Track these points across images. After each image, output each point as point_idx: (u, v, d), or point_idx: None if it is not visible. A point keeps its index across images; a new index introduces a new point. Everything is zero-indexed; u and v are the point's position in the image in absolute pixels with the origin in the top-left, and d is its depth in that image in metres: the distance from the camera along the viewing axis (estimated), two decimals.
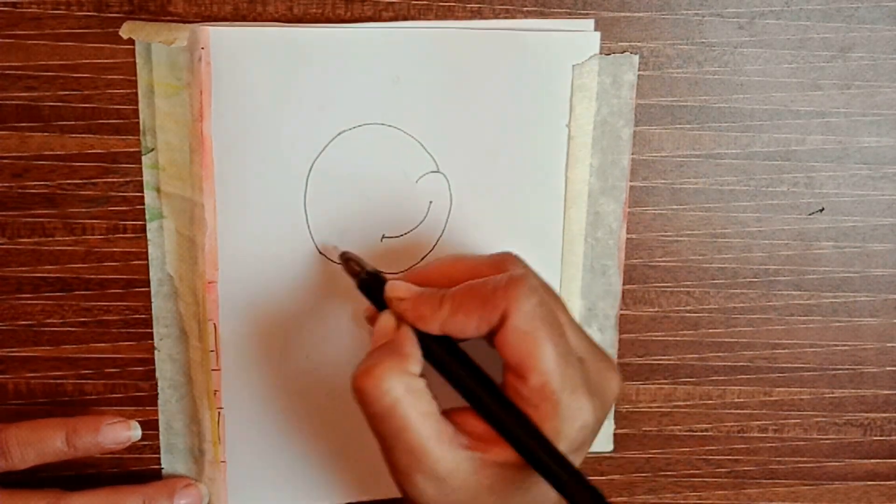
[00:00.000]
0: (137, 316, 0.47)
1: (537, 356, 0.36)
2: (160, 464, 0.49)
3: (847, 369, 0.52)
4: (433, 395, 0.38)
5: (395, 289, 0.40)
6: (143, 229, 0.46)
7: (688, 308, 0.50)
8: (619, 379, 0.41)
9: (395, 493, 0.50)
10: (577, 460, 0.37)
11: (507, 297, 0.37)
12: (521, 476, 0.37)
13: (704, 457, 0.53)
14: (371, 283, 0.42)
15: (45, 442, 0.44)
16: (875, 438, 0.53)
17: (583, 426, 0.37)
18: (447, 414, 0.38)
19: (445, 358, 0.39)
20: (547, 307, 0.37)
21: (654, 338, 0.51)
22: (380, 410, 0.37)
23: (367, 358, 0.38)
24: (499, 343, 0.37)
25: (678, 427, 0.52)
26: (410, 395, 0.37)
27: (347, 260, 0.43)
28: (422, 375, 0.38)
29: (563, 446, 0.36)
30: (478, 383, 0.38)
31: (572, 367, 0.37)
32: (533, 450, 0.36)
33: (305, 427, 0.48)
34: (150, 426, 0.48)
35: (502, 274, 0.38)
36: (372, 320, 0.41)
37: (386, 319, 0.40)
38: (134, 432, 0.46)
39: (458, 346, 0.39)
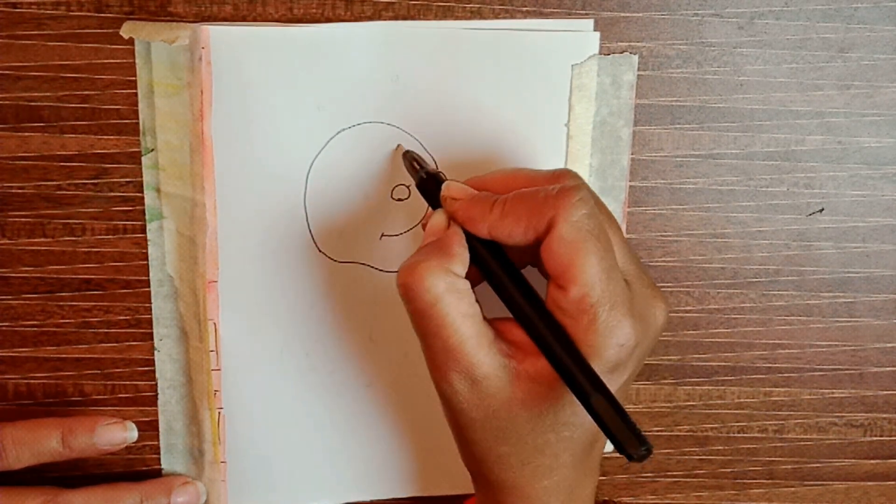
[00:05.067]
0: (137, 316, 0.47)
1: (579, 266, 0.36)
2: (160, 464, 0.49)
3: (847, 369, 0.52)
4: (477, 299, 0.38)
5: (451, 189, 0.40)
6: (143, 229, 0.46)
7: (688, 308, 0.50)
8: (665, 309, 0.40)
9: (394, 493, 0.50)
10: (613, 383, 0.36)
11: (556, 206, 0.36)
12: (554, 394, 0.37)
13: (706, 457, 0.52)
14: (429, 183, 0.42)
15: (41, 442, 0.44)
16: (875, 438, 0.53)
17: (620, 344, 0.36)
18: (490, 322, 0.38)
19: (491, 262, 0.39)
20: (596, 220, 0.37)
21: None
22: (421, 307, 0.37)
23: (414, 254, 0.38)
24: (544, 252, 0.37)
25: (680, 427, 0.52)
26: (452, 295, 0.37)
27: (411, 160, 0.44)
28: (468, 278, 0.38)
29: (596, 363, 0.36)
30: (519, 290, 0.38)
31: (615, 283, 0.36)
32: (561, 357, 0.36)
33: (305, 426, 0.48)
34: (150, 426, 0.48)
35: (557, 184, 0.38)
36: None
37: (438, 218, 0.40)
38: (130, 433, 0.46)
39: (505, 254, 0.39)
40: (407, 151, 0.45)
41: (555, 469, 0.39)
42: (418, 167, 0.43)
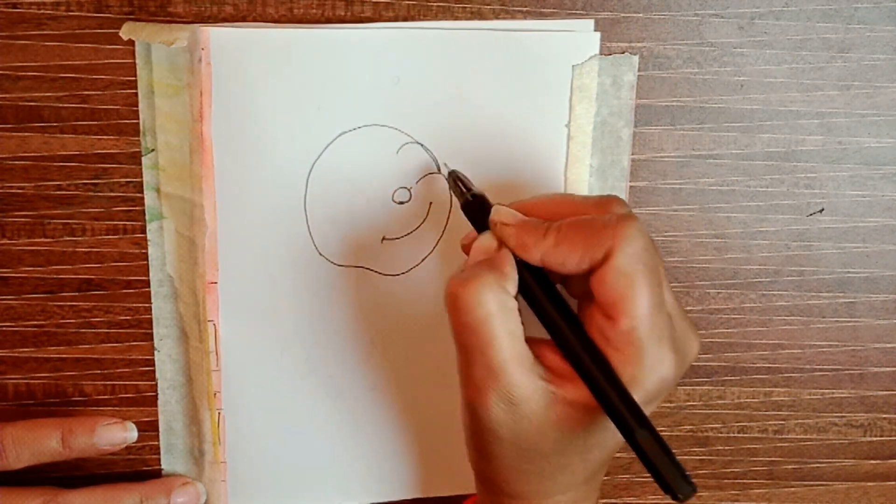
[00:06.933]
0: (138, 316, 0.47)
1: (632, 299, 0.36)
2: (160, 464, 0.49)
3: (848, 369, 0.52)
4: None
5: (501, 213, 0.40)
6: (143, 229, 0.46)
7: (688, 308, 0.50)
8: (698, 343, 0.40)
9: (394, 495, 0.50)
10: (646, 413, 0.36)
11: (615, 236, 0.36)
12: (589, 418, 0.37)
13: (707, 457, 0.52)
14: (475, 206, 0.42)
15: (41, 442, 0.44)
16: (875, 438, 0.53)
17: (661, 379, 0.36)
18: (528, 343, 0.38)
19: (537, 288, 0.38)
20: (650, 254, 0.37)
21: None
22: (470, 321, 0.36)
23: (466, 269, 0.38)
24: (595, 281, 0.36)
25: (681, 427, 0.52)
26: (503, 313, 0.37)
27: (456, 180, 0.44)
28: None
29: (638, 395, 0.36)
30: (564, 319, 0.37)
31: (662, 318, 0.36)
32: (606, 392, 0.35)
33: (305, 427, 0.48)
34: (150, 427, 0.48)
35: (612, 213, 0.38)
36: (468, 249, 0.41)
37: (487, 239, 0.40)
38: (130, 434, 0.46)
39: (550, 281, 0.39)
40: (452, 171, 0.44)
41: (571, 486, 0.39)
42: (464, 189, 0.43)
